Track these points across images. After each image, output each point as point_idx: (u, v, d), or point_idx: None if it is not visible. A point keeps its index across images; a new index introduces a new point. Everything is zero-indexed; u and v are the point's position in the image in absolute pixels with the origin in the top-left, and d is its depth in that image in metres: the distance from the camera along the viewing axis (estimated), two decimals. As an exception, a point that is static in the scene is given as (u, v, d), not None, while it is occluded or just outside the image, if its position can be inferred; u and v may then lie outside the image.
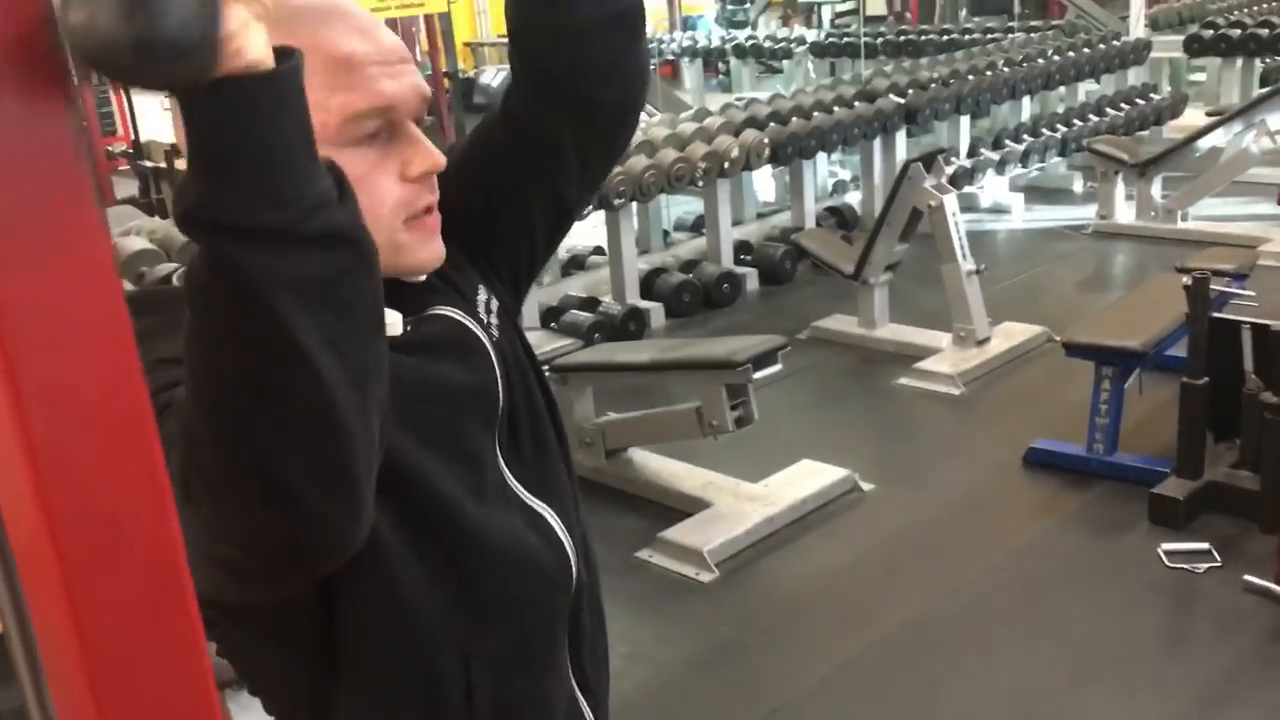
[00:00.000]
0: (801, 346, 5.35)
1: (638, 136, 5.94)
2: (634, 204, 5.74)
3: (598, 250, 6.35)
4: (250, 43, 0.64)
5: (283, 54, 0.67)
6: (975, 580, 3.33)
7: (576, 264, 6.36)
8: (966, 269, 4.84)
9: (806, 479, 3.84)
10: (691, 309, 5.90)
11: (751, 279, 6.29)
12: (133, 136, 9.48)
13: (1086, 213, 7.08)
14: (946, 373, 4.74)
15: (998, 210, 7.49)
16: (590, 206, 5.42)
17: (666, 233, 6.86)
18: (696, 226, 6.76)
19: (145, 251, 4.33)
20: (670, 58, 12.87)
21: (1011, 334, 5.07)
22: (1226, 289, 3.76)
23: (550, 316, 5.51)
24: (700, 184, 6.04)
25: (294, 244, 0.68)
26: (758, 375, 3.56)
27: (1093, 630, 3.07)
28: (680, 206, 7.16)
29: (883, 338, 5.22)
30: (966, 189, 7.25)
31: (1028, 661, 2.96)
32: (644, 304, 5.78)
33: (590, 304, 5.67)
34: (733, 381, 3.56)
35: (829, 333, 5.37)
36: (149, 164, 8.63)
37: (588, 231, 6.14)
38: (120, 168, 8.94)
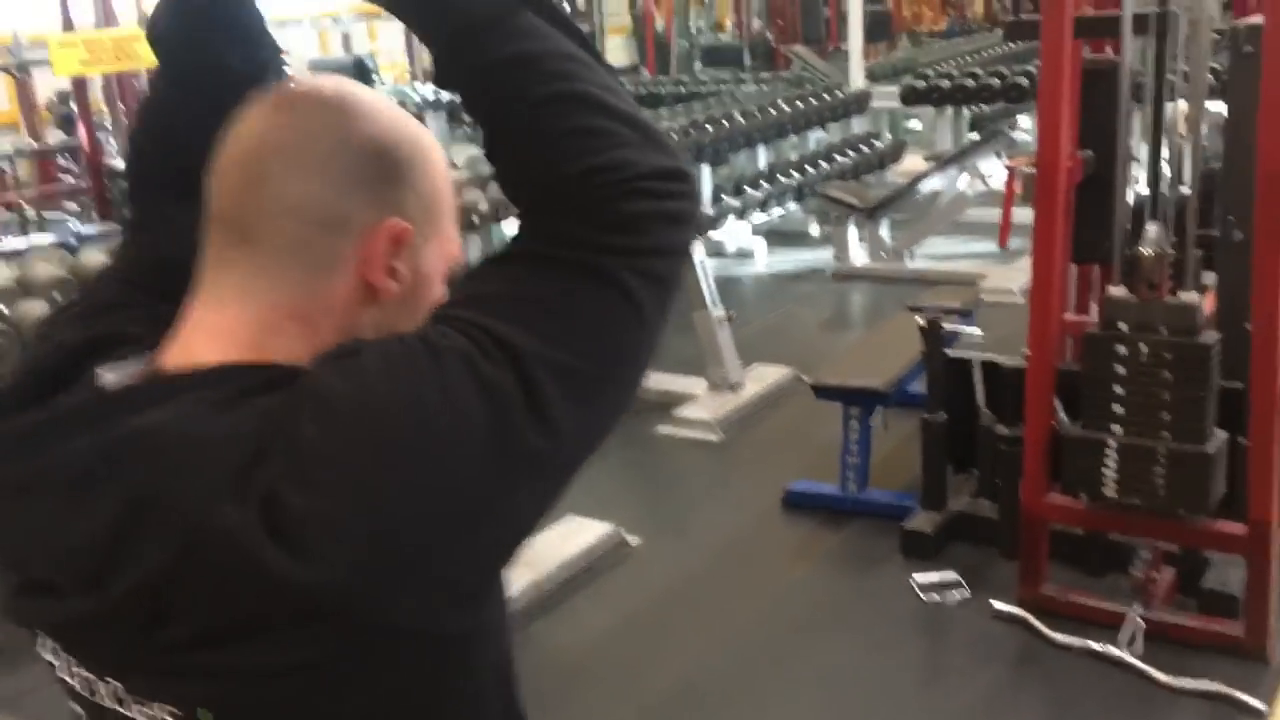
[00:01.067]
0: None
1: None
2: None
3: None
4: None
5: None
6: (742, 630, 3.35)
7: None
8: (717, 315, 4.93)
9: (573, 537, 3.77)
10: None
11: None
12: None
13: (824, 255, 7.40)
14: (705, 419, 4.80)
15: (742, 255, 7.73)
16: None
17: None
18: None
19: None
20: (414, 110, 12.69)
21: (763, 377, 5.19)
22: (955, 326, 3.97)
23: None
24: (449, 239, 5.92)
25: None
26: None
27: (855, 670, 3.13)
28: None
29: (643, 385, 5.23)
30: (712, 235, 7.45)
31: (797, 711, 2.98)
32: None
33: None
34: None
35: (587, 384, 5.34)
36: None
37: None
38: None
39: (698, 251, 4.91)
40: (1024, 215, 3.63)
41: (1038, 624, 3.18)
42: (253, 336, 0.82)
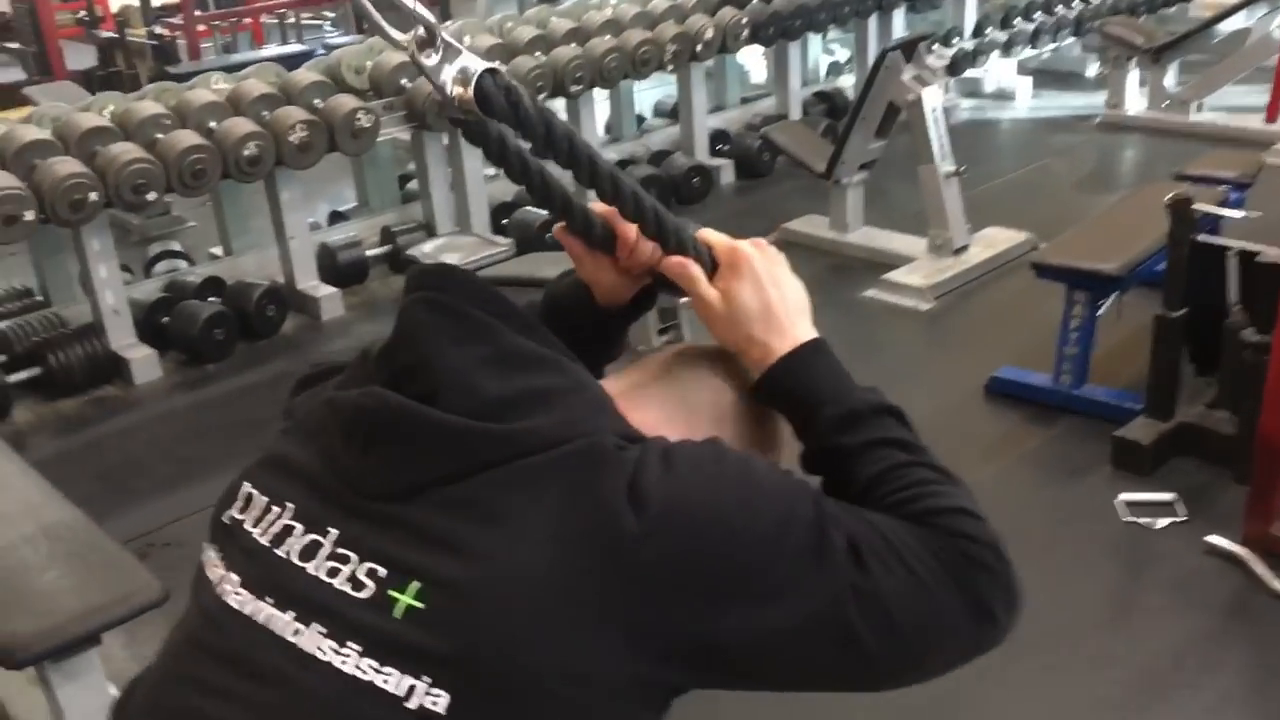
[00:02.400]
0: (768, 250, 4.98)
1: (603, 14, 5.49)
2: (595, 90, 5.32)
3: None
4: None
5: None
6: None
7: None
8: (945, 171, 4.42)
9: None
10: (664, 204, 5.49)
11: (727, 171, 5.87)
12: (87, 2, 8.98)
13: (1096, 100, 6.58)
14: (917, 285, 4.37)
15: (1002, 96, 6.99)
16: (546, 94, 5.01)
17: (642, 119, 6.42)
18: (677, 113, 6.32)
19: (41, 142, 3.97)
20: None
21: (994, 242, 4.67)
22: (1216, 208, 3.35)
23: (502, 213, 5.13)
24: (670, 68, 5.59)
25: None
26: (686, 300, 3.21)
27: (1037, 596, 2.75)
28: (666, 87, 6.68)
29: (855, 243, 4.83)
30: (970, 72, 6.75)
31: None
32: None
33: (548, 200, 5.28)
34: (660, 304, 3.21)
35: (798, 235, 4.98)
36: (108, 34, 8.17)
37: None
38: (73, 37, 8.47)
39: (930, 97, 4.38)
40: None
41: (1259, 568, 2.71)
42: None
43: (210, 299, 4.42)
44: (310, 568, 0.91)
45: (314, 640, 0.88)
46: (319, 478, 0.96)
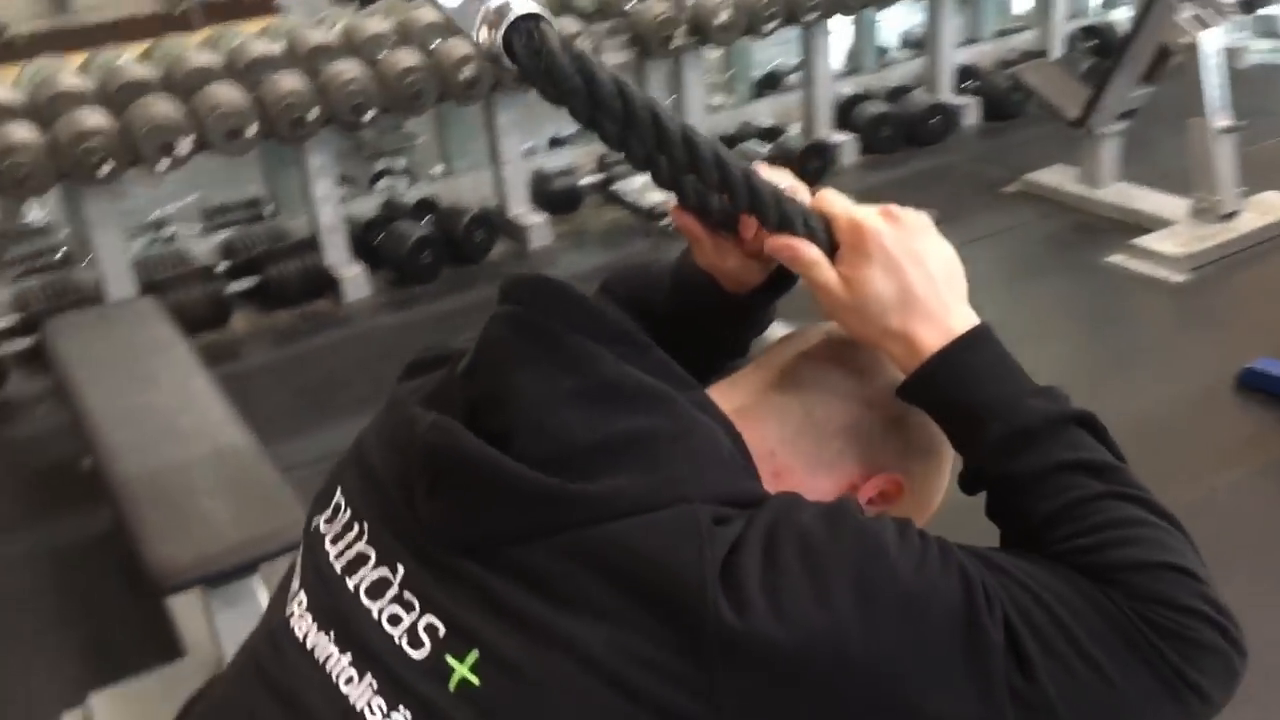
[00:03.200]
0: (1006, 202, 4.59)
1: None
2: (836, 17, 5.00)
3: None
4: None
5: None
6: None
7: (770, 83, 5.68)
8: (1218, 126, 3.90)
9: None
10: (891, 145, 5.15)
11: (971, 112, 5.43)
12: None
13: None
14: (1171, 254, 3.89)
15: (1304, 37, 6.18)
16: (778, 22, 4.74)
17: (884, 50, 6.02)
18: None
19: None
20: None
21: (1271, 208, 4.11)
22: None
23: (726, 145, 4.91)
24: (918, -6, 5.19)
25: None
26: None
27: (1254, 627, 2.41)
28: (916, 16, 6.23)
29: (1105, 200, 4.37)
30: (1265, 9, 5.98)
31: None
32: (836, 136, 5.09)
33: (771, 134, 5.04)
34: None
35: (1042, 188, 4.55)
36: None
37: (791, 45, 5.41)
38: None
39: (1209, 40, 3.85)
40: None
41: None
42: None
43: (424, 220, 4.44)
44: (375, 609, 0.81)
45: (365, 695, 0.79)
46: (395, 504, 0.84)
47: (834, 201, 0.89)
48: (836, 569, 0.74)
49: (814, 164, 4.83)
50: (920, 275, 0.85)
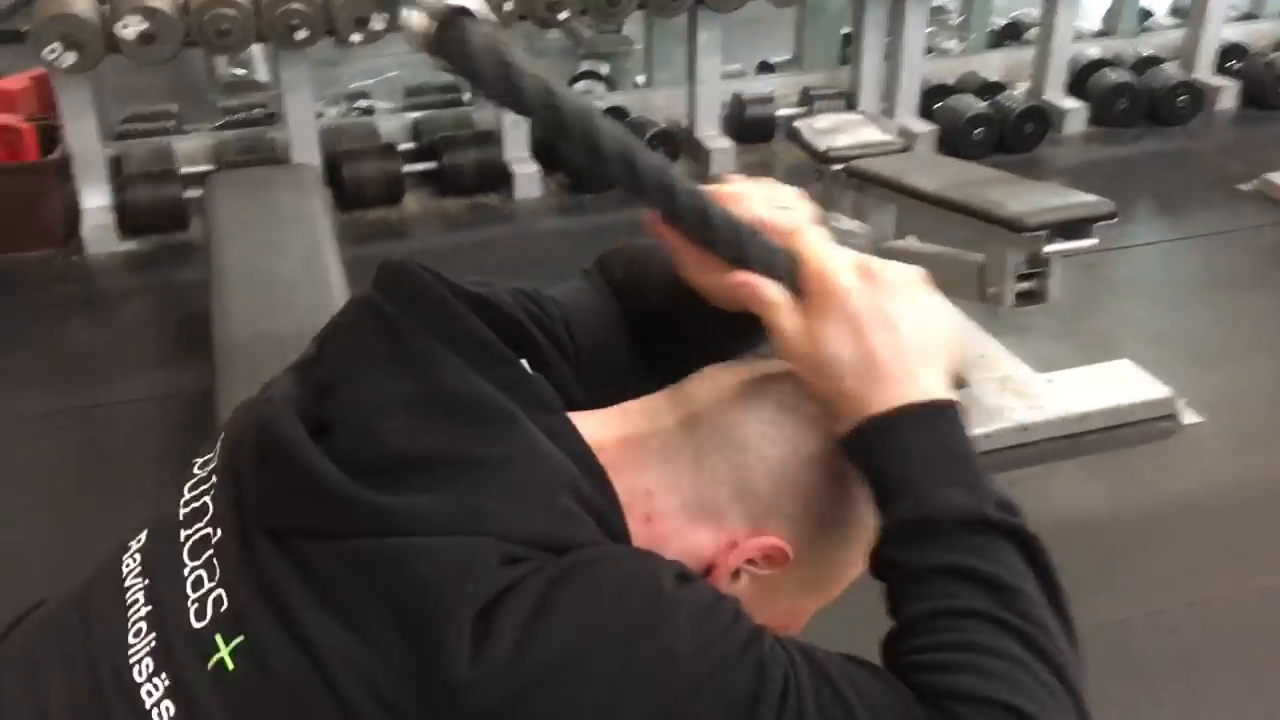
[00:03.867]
0: (1238, 200, 4.15)
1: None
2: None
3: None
4: None
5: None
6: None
7: (1012, 33, 5.28)
8: None
9: (1108, 386, 2.95)
10: (1128, 120, 4.70)
11: (1228, 95, 4.89)
12: None
13: None
14: None
15: None
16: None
17: (1148, 14, 5.49)
18: (1193, 13, 5.32)
19: None
20: None
21: None
22: None
23: (934, 96, 4.61)
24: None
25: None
26: (1060, 247, 2.68)
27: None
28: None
29: None
30: None
31: None
32: (1065, 102, 4.70)
33: (991, 89, 4.69)
34: (1025, 248, 2.71)
35: (1284, 192, 4.07)
36: None
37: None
38: None
39: None
40: None
41: None
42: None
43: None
44: (188, 568, 0.80)
45: (141, 652, 0.77)
46: (243, 466, 0.82)
47: (808, 242, 0.80)
48: (608, 629, 0.69)
49: (1029, 128, 4.47)
50: (886, 340, 0.77)
